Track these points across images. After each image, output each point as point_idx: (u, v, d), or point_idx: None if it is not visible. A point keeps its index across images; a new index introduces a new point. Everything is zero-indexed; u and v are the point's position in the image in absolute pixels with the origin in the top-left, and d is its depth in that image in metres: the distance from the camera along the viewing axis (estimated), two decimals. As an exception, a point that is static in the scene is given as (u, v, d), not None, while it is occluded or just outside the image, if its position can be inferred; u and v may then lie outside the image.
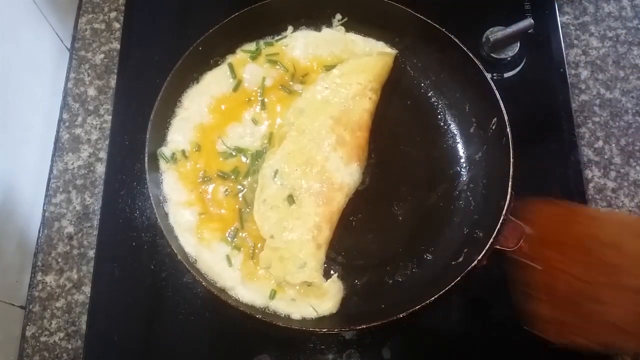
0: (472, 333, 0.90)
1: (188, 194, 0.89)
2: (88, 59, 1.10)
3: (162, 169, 0.91)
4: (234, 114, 0.95)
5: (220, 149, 0.92)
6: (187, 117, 0.94)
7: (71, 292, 0.94)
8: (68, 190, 1.00)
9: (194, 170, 0.91)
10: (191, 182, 0.90)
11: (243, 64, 0.98)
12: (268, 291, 0.84)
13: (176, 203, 0.88)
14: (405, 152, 0.98)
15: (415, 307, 0.78)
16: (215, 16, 0.94)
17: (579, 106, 1.08)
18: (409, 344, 0.89)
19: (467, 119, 0.97)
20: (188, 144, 0.92)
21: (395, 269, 0.89)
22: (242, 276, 0.85)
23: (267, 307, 0.83)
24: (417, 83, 1.02)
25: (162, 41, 1.07)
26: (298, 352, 0.88)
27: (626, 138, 1.06)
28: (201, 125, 0.93)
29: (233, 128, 0.94)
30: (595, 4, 1.17)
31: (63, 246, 0.97)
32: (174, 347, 0.89)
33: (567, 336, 0.52)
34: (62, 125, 1.05)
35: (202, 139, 0.93)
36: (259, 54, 0.99)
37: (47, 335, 0.92)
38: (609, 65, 1.12)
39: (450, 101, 1.00)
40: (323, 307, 0.83)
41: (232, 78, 0.97)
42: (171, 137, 0.93)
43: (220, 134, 0.93)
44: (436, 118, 1.00)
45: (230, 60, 0.98)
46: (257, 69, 0.97)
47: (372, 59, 0.98)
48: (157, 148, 0.91)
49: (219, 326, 0.89)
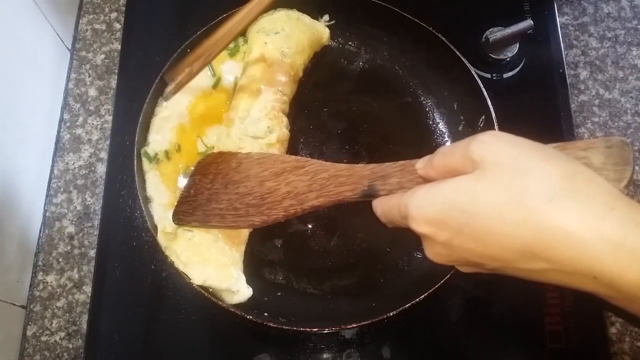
0: (472, 333, 0.90)
1: (170, 195, 0.88)
2: (89, 60, 1.11)
3: (145, 169, 0.90)
4: (214, 113, 0.94)
5: (200, 149, 0.91)
6: (167, 116, 0.93)
7: (72, 291, 0.94)
8: (69, 190, 1.01)
9: (176, 170, 0.90)
10: (173, 183, 0.89)
11: (222, 61, 0.97)
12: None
13: (159, 204, 0.87)
14: (394, 151, 0.98)
15: (406, 305, 0.78)
16: (216, 17, 0.94)
17: (578, 106, 1.08)
18: (409, 344, 0.89)
19: (456, 117, 0.98)
20: (169, 144, 0.91)
21: (385, 268, 0.90)
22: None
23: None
24: (406, 82, 1.02)
25: (163, 42, 1.07)
26: (298, 352, 0.88)
27: (625, 138, 1.06)
28: (181, 125, 0.92)
29: (213, 127, 0.93)
30: (594, 5, 1.18)
31: (64, 246, 0.97)
32: (174, 346, 0.89)
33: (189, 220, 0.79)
34: (63, 125, 1.05)
35: (183, 139, 0.91)
36: (237, 50, 0.98)
37: (48, 335, 0.92)
38: (608, 66, 1.12)
39: (439, 99, 1.00)
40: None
41: (212, 76, 0.96)
42: (152, 137, 0.92)
43: (200, 134, 0.92)
44: (425, 116, 1.00)
45: None
46: (235, 66, 0.96)
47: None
48: (141, 148, 0.90)
49: (219, 325, 0.89)
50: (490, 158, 0.49)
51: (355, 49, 1.04)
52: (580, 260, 0.45)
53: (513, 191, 0.47)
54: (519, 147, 0.50)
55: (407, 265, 0.89)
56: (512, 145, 0.50)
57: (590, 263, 0.45)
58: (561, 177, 0.47)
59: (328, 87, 1.01)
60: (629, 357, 0.92)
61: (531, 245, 0.47)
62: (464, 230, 0.50)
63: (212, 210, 0.77)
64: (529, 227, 0.46)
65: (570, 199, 0.46)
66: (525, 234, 0.47)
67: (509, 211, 0.47)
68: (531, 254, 0.47)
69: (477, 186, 0.49)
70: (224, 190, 0.76)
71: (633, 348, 0.92)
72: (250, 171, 0.75)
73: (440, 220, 0.52)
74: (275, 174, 0.73)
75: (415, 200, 0.54)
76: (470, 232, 0.50)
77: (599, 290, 0.47)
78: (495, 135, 0.52)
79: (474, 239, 0.50)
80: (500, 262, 0.51)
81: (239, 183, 0.75)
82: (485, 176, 0.49)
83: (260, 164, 0.75)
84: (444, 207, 0.51)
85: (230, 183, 0.76)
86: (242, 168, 0.76)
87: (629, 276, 0.44)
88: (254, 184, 0.74)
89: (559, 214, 0.45)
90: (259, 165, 0.75)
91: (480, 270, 0.55)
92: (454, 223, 0.50)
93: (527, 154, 0.49)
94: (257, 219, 0.74)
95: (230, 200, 0.76)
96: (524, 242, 0.47)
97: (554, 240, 0.46)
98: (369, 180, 0.63)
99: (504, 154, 0.49)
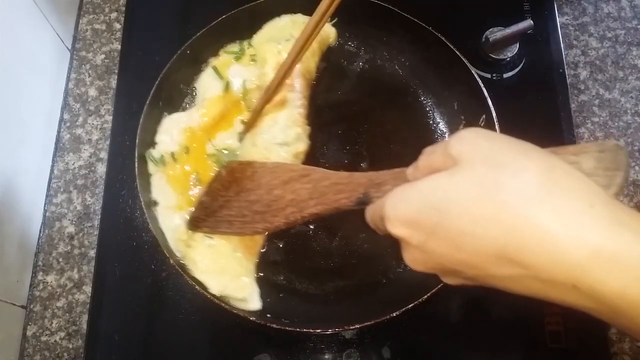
0: (472, 333, 0.90)
1: (177, 198, 0.88)
2: (89, 60, 1.11)
3: (150, 172, 0.90)
4: (224, 117, 0.94)
5: (210, 151, 0.91)
6: (176, 119, 0.93)
7: (72, 291, 0.94)
8: (69, 190, 1.01)
9: (184, 173, 0.90)
10: (180, 185, 0.89)
11: (227, 66, 0.97)
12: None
13: (165, 207, 0.87)
14: (395, 151, 0.98)
15: (408, 306, 0.78)
16: (217, 17, 0.94)
17: (578, 106, 1.08)
18: (409, 344, 0.89)
19: (456, 117, 0.97)
20: (177, 145, 0.91)
21: (387, 269, 0.89)
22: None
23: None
24: (406, 82, 1.02)
25: (163, 42, 1.07)
26: (298, 352, 0.88)
27: (625, 138, 1.06)
28: (190, 128, 0.92)
29: (223, 131, 0.93)
30: (594, 5, 1.18)
31: (64, 246, 0.97)
32: (174, 346, 0.89)
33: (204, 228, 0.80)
34: (63, 125, 1.05)
35: (191, 141, 0.91)
36: (242, 54, 0.98)
37: (48, 335, 0.92)
38: (608, 66, 1.12)
39: (439, 99, 1.00)
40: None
41: (219, 80, 0.96)
42: (160, 137, 0.92)
43: (210, 137, 0.92)
44: (425, 116, 1.00)
45: (214, 63, 0.97)
46: (241, 69, 0.96)
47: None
48: (145, 150, 0.90)
49: (219, 325, 0.89)
50: (466, 153, 0.47)
51: (355, 49, 1.04)
52: (557, 264, 0.41)
53: (486, 186, 0.44)
54: (497, 141, 0.47)
55: (409, 266, 0.89)
56: (489, 140, 0.47)
57: (568, 267, 0.40)
58: (538, 171, 0.43)
59: (328, 88, 1.01)
60: (629, 357, 0.92)
61: (503, 247, 0.43)
62: (437, 231, 0.47)
63: (223, 216, 0.78)
64: (500, 225, 0.43)
65: (546, 192, 0.42)
66: (497, 234, 0.43)
67: (479, 207, 0.44)
68: (505, 258, 0.43)
69: (450, 182, 0.46)
70: (236, 197, 0.77)
71: (633, 348, 0.92)
72: (262, 180, 0.76)
73: (414, 220, 0.48)
74: (283, 182, 0.73)
75: (391, 199, 0.51)
76: (444, 233, 0.46)
77: (581, 302, 0.42)
78: (475, 131, 0.49)
79: (448, 240, 0.46)
80: (476, 269, 0.46)
81: (250, 191, 0.76)
82: (460, 171, 0.46)
83: (273, 172, 0.76)
84: (418, 205, 0.48)
85: (243, 191, 0.77)
86: (255, 176, 0.77)
87: (611, 284, 0.39)
88: (263, 192, 0.75)
89: (533, 210, 0.41)
90: (271, 173, 0.76)
91: (463, 280, 0.50)
92: (428, 222, 0.47)
93: (505, 148, 0.46)
94: (261, 225, 0.75)
95: (240, 207, 0.77)
96: (496, 243, 0.43)
97: (527, 239, 0.41)
98: (365, 188, 0.63)
99: (481, 149, 0.46)
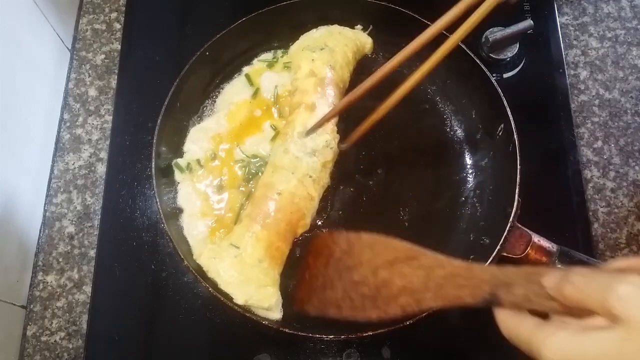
0: (473, 333, 0.90)
1: (201, 204, 0.88)
2: (89, 60, 1.11)
3: (177, 180, 0.90)
4: (252, 123, 0.94)
5: (237, 157, 0.91)
6: (205, 127, 0.94)
7: (72, 291, 0.94)
8: (69, 190, 1.01)
9: (210, 179, 0.90)
10: (205, 191, 0.89)
11: (260, 73, 0.98)
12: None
13: (190, 214, 0.87)
14: (412, 158, 0.98)
15: (422, 314, 0.76)
16: (217, 17, 0.95)
17: (578, 106, 1.08)
18: (409, 344, 0.89)
19: (474, 125, 0.97)
20: (204, 153, 0.91)
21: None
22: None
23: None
24: (424, 89, 1.01)
25: (163, 42, 1.07)
26: (298, 352, 0.88)
27: (625, 138, 1.06)
28: (218, 134, 0.93)
29: (252, 136, 0.93)
30: (594, 5, 1.18)
31: (64, 246, 0.97)
32: (174, 346, 0.89)
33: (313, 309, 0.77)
34: (63, 125, 1.05)
35: (219, 148, 0.92)
36: (275, 62, 0.99)
37: (48, 335, 0.92)
38: (608, 66, 1.12)
39: (457, 107, 1.00)
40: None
41: (250, 85, 0.96)
42: (188, 146, 0.92)
43: (239, 143, 0.92)
44: (443, 124, 1.00)
45: (247, 71, 0.98)
46: (274, 76, 0.97)
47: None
48: (172, 160, 0.90)
49: (219, 326, 0.89)
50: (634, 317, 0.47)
51: (374, 55, 1.03)
52: None
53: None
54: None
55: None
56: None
57: None
58: None
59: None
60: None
61: None
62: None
63: (328, 299, 0.76)
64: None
65: None
66: None
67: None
68: None
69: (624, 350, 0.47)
70: (338, 277, 0.75)
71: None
72: (362, 257, 0.74)
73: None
74: (388, 263, 0.71)
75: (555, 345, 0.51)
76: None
77: None
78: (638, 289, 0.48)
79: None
80: None
81: (352, 270, 0.74)
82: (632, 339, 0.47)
83: (372, 248, 0.74)
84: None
85: (344, 270, 0.75)
86: (353, 252, 0.75)
87: None
88: (367, 272, 0.72)
89: None
90: (371, 249, 0.73)
91: None
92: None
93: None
94: (374, 313, 0.72)
95: (345, 289, 0.74)
96: None
97: None
98: (491, 287, 0.60)
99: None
